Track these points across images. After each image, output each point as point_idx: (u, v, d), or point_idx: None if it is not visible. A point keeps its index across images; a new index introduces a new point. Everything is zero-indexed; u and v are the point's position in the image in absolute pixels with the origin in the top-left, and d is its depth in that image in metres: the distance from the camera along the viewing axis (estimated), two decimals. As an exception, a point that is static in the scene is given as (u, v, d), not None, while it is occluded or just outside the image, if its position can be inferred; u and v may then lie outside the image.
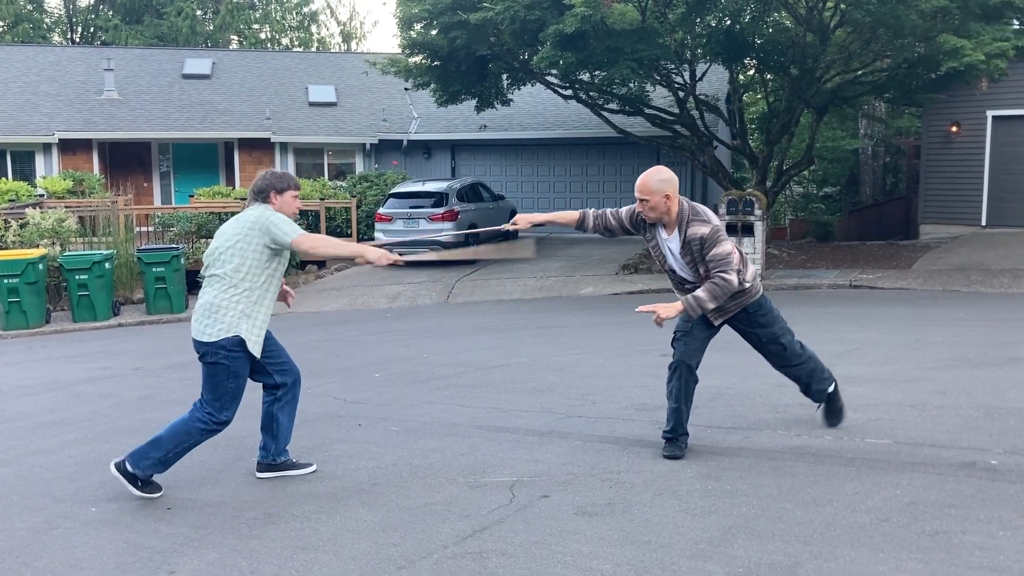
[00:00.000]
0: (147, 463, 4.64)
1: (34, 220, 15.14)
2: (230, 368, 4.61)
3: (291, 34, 44.07)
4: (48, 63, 25.91)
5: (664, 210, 4.80)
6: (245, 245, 4.62)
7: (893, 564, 3.47)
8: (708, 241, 4.72)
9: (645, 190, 4.78)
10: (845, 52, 15.67)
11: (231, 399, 4.67)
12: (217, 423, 4.66)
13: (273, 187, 4.73)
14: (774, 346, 5.09)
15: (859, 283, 13.51)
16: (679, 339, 5.06)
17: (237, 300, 4.60)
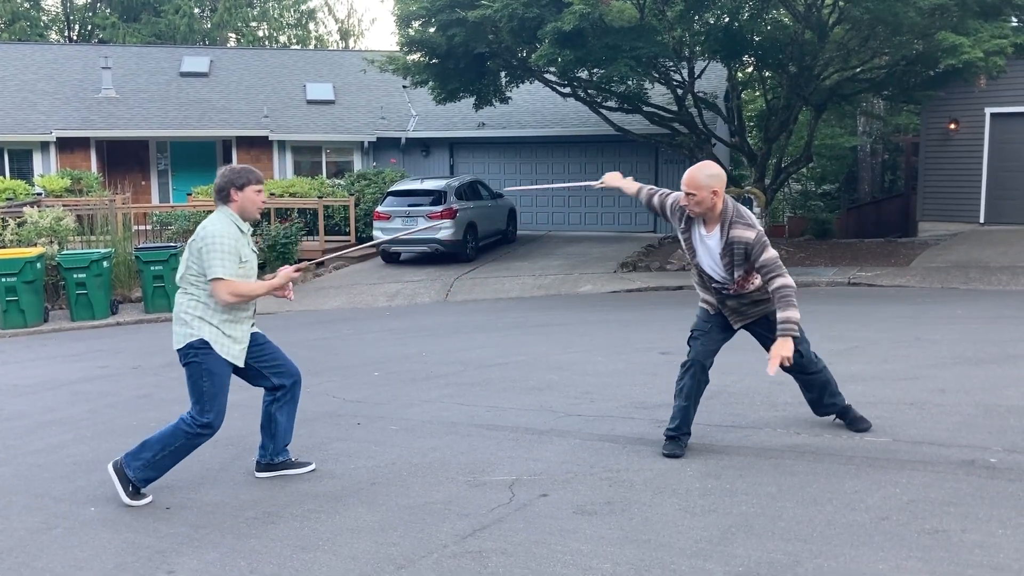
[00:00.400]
0: (138, 464, 4.61)
1: (32, 219, 15.12)
2: (202, 366, 4.55)
3: (289, 32, 44.01)
4: (45, 61, 25.88)
5: (710, 206, 4.72)
6: (192, 255, 4.59)
7: (893, 563, 3.47)
8: (755, 247, 4.66)
9: (693, 184, 4.70)
10: (843, 49, 15.67)
11: (210, 400, 4.58)
12: (200, 426, 4.58)
13: (232, 184, 4.61)
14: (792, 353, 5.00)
15: (858, 281, 13.51)
16: (696, 338, 5.03)
17: (195, 306, 4.58)
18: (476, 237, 18.03)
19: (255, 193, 4.65)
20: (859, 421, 5.25)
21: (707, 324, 4.99)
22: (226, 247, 4.50)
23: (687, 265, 15.43)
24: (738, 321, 4.98)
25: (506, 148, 22.62)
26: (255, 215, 4.72)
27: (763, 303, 4.90)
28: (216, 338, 4.56)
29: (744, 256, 4.71)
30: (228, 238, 4.52)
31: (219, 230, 4.53)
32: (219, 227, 4.55)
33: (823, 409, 5.28)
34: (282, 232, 16.86)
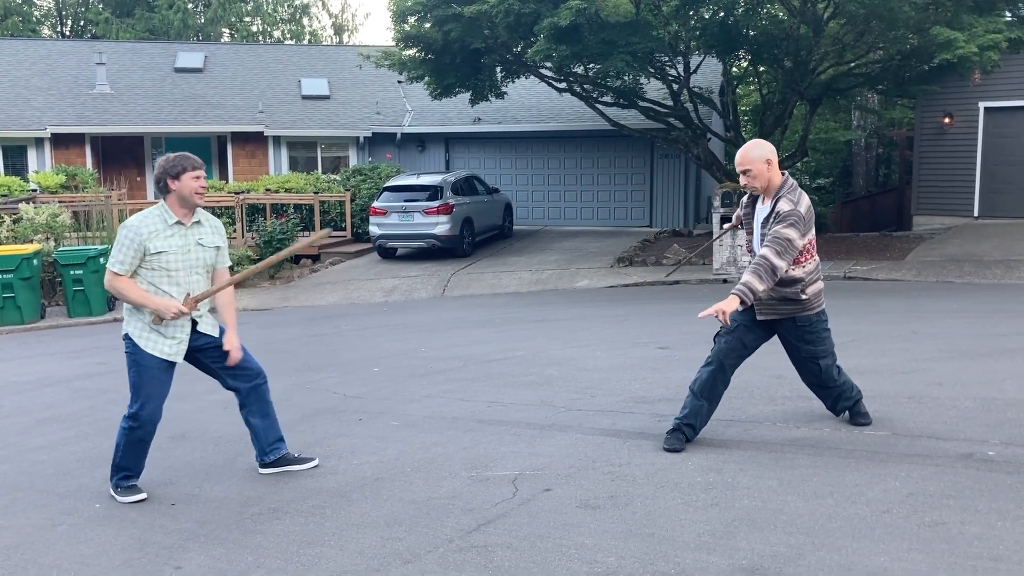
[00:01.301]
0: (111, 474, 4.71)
1: (28, 215, 15.10)
2: (132, 356, 4.60)
3: (283, 27, 43.90)
4: (39, 57, 25.78)
5: (767, 177, 4.75)
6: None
7: (894, 555, 3.51)
8: (781, 216, 4.64)
9: (744, 161, 4.76)
10: (839, 44, 15.71)
11: (135, 391, 4.61)
12: (128, 417, 4.61)
13: (168, 173, 4.56)
14: (812, 364, 5.02)
15: (853, 275, 13.57)
16: (721, 335, 4.99)
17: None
18: (472, 232, 18.05)
19: (193, 180, 4.60)
20: (862, 416, 5.27)
21: (734, 322, 4.86)
22: (124, 241, 4.48)
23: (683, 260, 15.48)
24: (763, 312, 4.89)
25: (502, 143, 22.63)
26: (197, 201, 4.66)
27: (793, 302, 4.84)
28: (141, 333, 4.58)
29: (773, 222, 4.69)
30: (131, 231, 4.50)
31: (131, 222, 4.54)
32: (134, 220, 4.55)
33: (838, 411, 5.30)
34: (278, 228, 16.87)
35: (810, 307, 4.88)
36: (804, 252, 4.76)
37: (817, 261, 4.91)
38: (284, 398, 6.96)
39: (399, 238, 17.56)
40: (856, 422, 5.27)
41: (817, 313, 4.92)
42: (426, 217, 17.08)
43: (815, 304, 4.89)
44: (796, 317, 4.88)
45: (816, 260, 4.89)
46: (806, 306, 4.87)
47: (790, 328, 4.94)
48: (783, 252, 4.59)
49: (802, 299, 4.83)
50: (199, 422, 6.30)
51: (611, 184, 21.87)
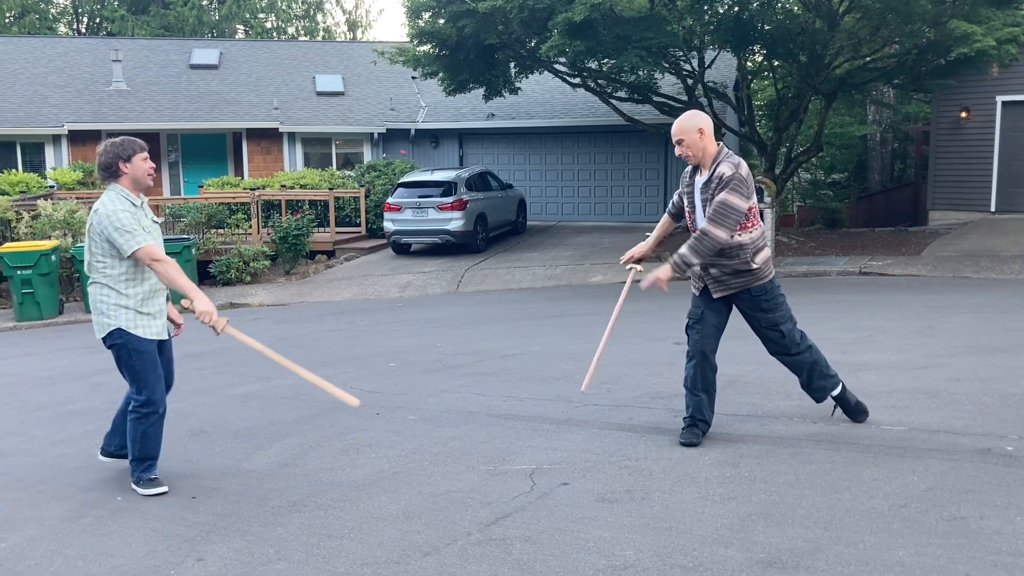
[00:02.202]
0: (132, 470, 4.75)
1: (46, 211, 15.23)
2: (128, 346, 4.61)
3: (297, 23, 44.01)
4: (56, 54, 25.95)
5: (700, 147, 4.77)
6: (94, 241, 4.62)
7: (913, 549, 3.52)
8: (724, 181, 4.64)
9: (678, 131, 4.80)
10: (854, 38, 15.63)
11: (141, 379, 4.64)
12: (140, 405, 4.63)
13: (119, 156, 4.61)
14: (773, 332, 5.01)
15: (869, 270, 13.52)
16: (692, 327, 5.04)
17: (108, 293, 4.62)
18: (486, 228, 18.08)
19: (142, 161, 4.67)
20: (858, 413, 5.22)
21: (699, 310, 4.99)
22: (124, 222, 4.51)
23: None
24: (719, 291, 4.92)
25: (515, 139, 22.64)
26: (148, 182, 4.73)
27: (744, 274, 4.85)
28: (133, 320, 4.62)
29: (714, 192, 4.69)
30: (124, 212, 4.54)
31: (113, 208, 4.54)
32: (112, 206, 4.56)
33: (816, 392, 5.14)
34: (294, 224, 16.93)
35: (762, 276, 4.88)
36: (749, 217, 4.77)
37: (762, 227, 4.93)
38: (301, 392, 7.02)
39: (413, 234, 17.61)
40: (856, 419, 5.20)
41: (770, 280, 4.93)
42: (440, 213, 17.12)
43: (766, 272, 4.90)
44: (751, 288, 4.89)
45: (761, 226, 4.91)
46: (758, 275, 4.87)
47: (747, 301, 4.95)
48: (723, 220, 4.63)
49: (753, 268, 4.83)
50: (218, 416, 6.35)
51: (625, 179, 21.85)
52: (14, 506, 4.65)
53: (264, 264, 16.47)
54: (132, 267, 4.60)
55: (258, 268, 16.33)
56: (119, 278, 4.61)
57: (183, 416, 6.38)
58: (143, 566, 3.80)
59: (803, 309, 10.19)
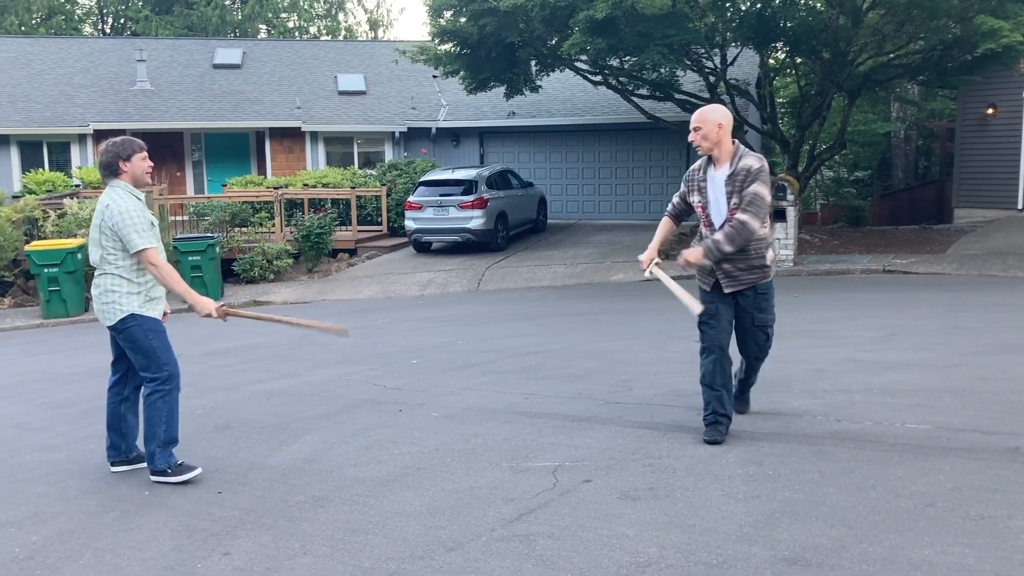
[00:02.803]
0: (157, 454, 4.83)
1: (72, 210, 15.38)
2: (143, 327, 4.78)
3: (318, 23, 44.23)
4: (82, 55, 26.23)
5: (715, 140, 4.84)
6: (104, 235, 4.75)
7: (939, 548, 3.49)
8: (754, 174, 4.75)
9: (699, 119, 4.88)
10: (878, 34, 15.50)
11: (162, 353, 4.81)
12: (163, 382, 4.79)
13: (119, 156, 4.80)
14: (761, 334, 5.12)
15: (893, 268, 13.41)
16: (706, 322, 5.05)
17: (118, 283, 4.77)
18: (507, 226, 18.09)
19: (141, 160, 4.87)
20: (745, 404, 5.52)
21: (712, 305, 5.02)
22: (136, 221, 4.70)
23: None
24: (730, 285, 4.97)
25: (536, 137, 22.65)
26: (147, 180, 4.94)
27: (757, 270, 4.95)
28: (143, 305, 4.82)
29: (742, 183, 4.78)
30: (136, 211, 4.72)
31: (126, 206, 4.71)
32: (124, 203, 4.72)
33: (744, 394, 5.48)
34: (316, 223, 17.02)
35: (770, 273, 5.02)
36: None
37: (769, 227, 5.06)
38: (325, 389, 7.07)
39: (434, 232, 17.65)
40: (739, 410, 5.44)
41: (771, 282, 5.07)
42: (461, 211, 17.15)
43: (773, 270, 5.06)
44: (757, 285, 4.98)
45: (769, 228, 5.05)
46: (767, 272, 4.99)
47: (750, 298, 5.02)
48: (757, 211, 4.75)
49: (766, 264, 4.95)
50: (243, 412, 6.41)
51: (646, 177, 21.80)
52: (44, 500, 4.72)
53: (287, 262, 16.58)
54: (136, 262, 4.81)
55: (281, 266, 16.44)
56: (130, 268, 4.79)
57: (208, 412, 6.44)
58: (170, 559, 3.84)
59: (826, 307, 10.17)
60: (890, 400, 5.65)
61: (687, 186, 5.14)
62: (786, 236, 14.11)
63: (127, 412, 5.07)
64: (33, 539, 4.17)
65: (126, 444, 5.10)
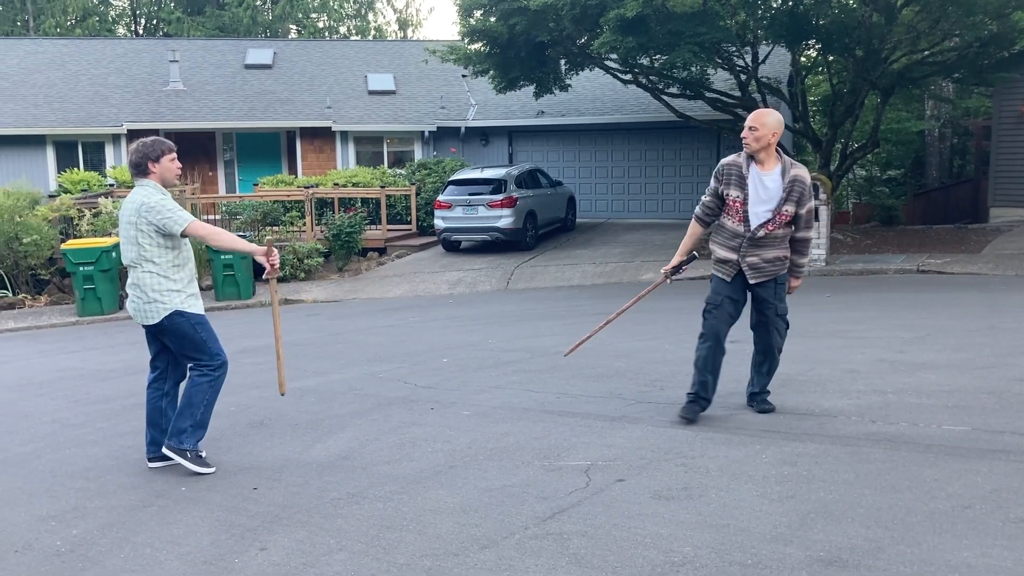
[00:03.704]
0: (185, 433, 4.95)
1: (106, 209, 15.60)
2: (190, 320, 4.94)
3: (348, 22, 44.48)
4: (116, 55, 26.57)
5: (766, 144, 5.07)
6: (141, 232, 4.84)
7: (978, 551, 3.46)
8: (807, 190, 5.12)
9: (758, 120, 5.08)
10: (913, 32, 15.34)
11: (212, 342, 4.99)
12: (216, 368, 4.98)
13: (148, 157, 4.91)
14: (782, 322, 5.37)
15: (927, 268, 13.26)
16: (710, 311, 5.34)
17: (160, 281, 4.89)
18: (536, 225, 18.09)
19: (170, 161, 4.98)
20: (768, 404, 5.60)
21: (719, 296, 5.29)
22: (171, 205, 4.84)
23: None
24: (755, 277, 5.22)
25: (565, 136, 22.63)
26: (174, 182, 5.08)
27: (780, 261, 5.24)
28: (185, 301, 4.96)
29: (800, 196, 5.09)
30: (168, 199, 4.88)
31: (158, 198, 4.85)
32: (156, 197, 4.86)
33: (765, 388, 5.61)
34: (346, 221, 17.13)
35: (787, 265, 5.32)
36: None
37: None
38: (357, 387, 7.12)
39: (463, 231, 17.69)
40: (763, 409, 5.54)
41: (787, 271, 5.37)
42: (490, 210, 17.18)
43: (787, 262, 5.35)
44: (777, 276, 5.27)
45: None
46: (785, 264, 5.29)
47: (770, 289, 5.29)
48: (812, 225, 5.26)
49: (787, 256, 5.27)
50: (277, 410, 6.47)
51: (676, 176, 21.70)
52: (83, 494, 4.80)
53: (318, 261, 16.70)
54: (178, 254, 4.93)
55: (312, 265, 16.56)
56: (167, 265, 4.91)
57: (243, 409, 6.51)
58: (209, 554, 3.90)
59: (859, 308, 10.08)
60: (925, 401, 5.60)
61: (721, 180, 5.25)
62: (818, 236, 13.99)
63: (168, 408, 5.16)
64: (74, 532, 4.24)
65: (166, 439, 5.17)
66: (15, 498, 4.82)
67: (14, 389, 8.12)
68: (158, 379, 5.17)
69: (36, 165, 22.17)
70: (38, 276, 15.80)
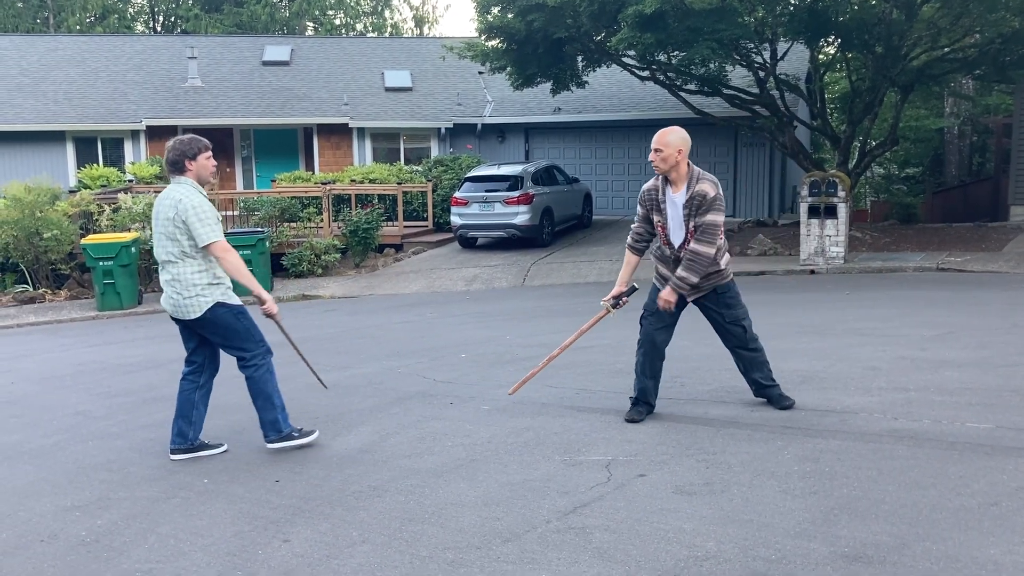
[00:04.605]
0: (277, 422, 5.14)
1: (126, 205, 15.71)
2: (232, 312, 5.04)
3: (365, 19, 44.56)
4: (135, 52, 26.73)
5: (673, 163, 5.15)
6: (178, 228, 4.90)
7: (1005, 548, 3.43)
8: (709, 202, 5.09)
9: (661, 142, 5.15)
10: (933, 28, 15.22)
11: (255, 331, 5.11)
12: (262, 356, 5.11)
13: (185, 155, 4.98)
14: (736, 327, 5.44)
15: (947, 266, 13.16)
16: (647, 318, 5.50)
17: (201, 275, 4.96)
18: (552, 222, 18.08)
19: (206, 159, 5.05)
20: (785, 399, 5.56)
21: (655, 303, 5.42)
22: (208, 215, 4.92)
23: (768, 250, 15.23)
24: (692, 294, 5.34)
25: (582, 133, 22.59)
26: (210, 180, 5.16)
27: (714, 275, 5.30)
28: (225, 293, 5.04)
29: (697, 208, 5.11)
30: (207, 206, 4.95)
31: (198, 201, 4.91)
32: (195, 199, 4.92)
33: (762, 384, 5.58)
34: (363, 218, 17.17)
35: (726, 275, 5.38)
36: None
37: (724, 237, 5.35)
38: (376, 381, 7.14)
39: (480, 228, 17.69)
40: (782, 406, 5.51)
41: (731, 280, 5.44)
42: (506, 207, 17.17)
43: (728, 272, 5.42)
44: (716, 287, 5.36)
45: (723, 236, 5.32)
46: (723, 275, 5.35)
47: (712, 299, 5.41)
48: (711, 239, 5.13)
49: (720, 268, 5.30)
50: (298, 403, 6.48)
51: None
52: (107, 486, 4.84)
53: (335, 257, 16.75)
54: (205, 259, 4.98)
55: (329, 261, 16.62)
56: (208, 259, 4.97)
57: (263, 403, 6.53)
58: (232, 545, 3.92)
59: (878, 305, 10.02)
60: (948, 399, 5.56)
61: (646, 206, 5.43)
62: (837, 233, 13.92)
63: (200, 401, 5.25)
64: (98, 523, 4.28)
65: (193, 431, 5.24)
66: (40, 489, 4.86)
67: (37, 382, 8.19)
68: (194, 372, 5.25)
69: (56, 161, 22.34)
70: (58, 271, 15.93)
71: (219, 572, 3.66)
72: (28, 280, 15.64)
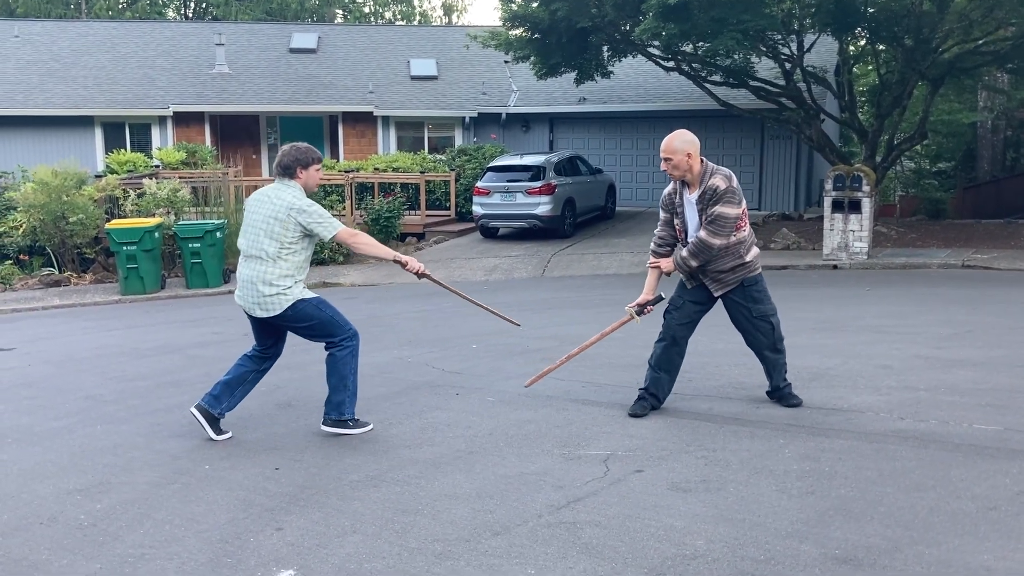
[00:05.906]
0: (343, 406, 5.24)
1: (150, 190, 15.83)
2: (312, 303, 5.14)
3: (393, 7, 44.59)
4: (164, 39, 26.95)
5: (686, 168, 5.15)
6: (282, 226, 4.98)
7: (999, 553, 3.37)
8: (720, 194, 5.06)
9: (668, 149, 5.16)
10: (965, 20, 14.94)
11: (340, 316, 5.21)
12: (350, 339, 5.19)
13: (299, 162, 5.08)
14: (764, 323, 5.36)
15: (972, 263, 12.96)
16: (670, 312, 5.45)
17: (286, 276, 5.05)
18: (574, 213, 18.02)
19: (316, 172, 5.17)
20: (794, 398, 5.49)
21: (680, 299, 5.41)
22: (322, 212, 5.04)
23: (791, 244, 15.07)
24: (718, 289, 5.30)
25: (606, 123, 22.47)
26: (314, 190, 5.24)
27: (740, 269, 5.25)
28: (302, 291, 5.15)
29: (708, 201, 5.09)
30: (317, 206, 5.07)
31: (308, 203, 5.04)
32: (307, 201, 5.05)
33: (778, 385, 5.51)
34: (386, 207, 17.21)
35: (753, 268, 5.31)
36: (741, 219, 5.20)
37: (750, 229, 5.34)
38: (386, 371, 7.16)
39: (501, 218, 17.68)
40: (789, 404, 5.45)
41: (759, 273, 5.37)
42: (528, 197, 17.14)
43: (756, 265, 5.34)
44: (744, 280, 5.29)
45: (749, 228, 5.32)
46: (750, 268, 5.29)
47: (740, 293, 5.32)
48: (720, 231, 5.09)
49: (746, 261, 5.25)
50: (305, 391, 6.53)
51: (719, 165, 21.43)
52: (109, 470, 4.89)
53: (356, 245, 16.78)
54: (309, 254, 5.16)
55: (350, 249, 16.66)
56: (301, 260, 5.11)
57: (272, 390, 6.58)
58: (225, 532, 3.95)
59: (899, 302, 9.89)
60: (958, 399, 5.47)
61: (667, 210, 5.43)
62: (860, 228, 13.75)
63: (251, 382, 5.38)
64: (97, 507, 4.33)
65: (226, 404, 5.33)
66: (45, 471, 4.92)
67: (55, 364, 8.30)
68: (259, 357, 5.37)
69: (85, 145, 22.59)
70: (84, 254, 16.12)
71: (210, 558, 3.69)
72: (54, 263, 15.85)
